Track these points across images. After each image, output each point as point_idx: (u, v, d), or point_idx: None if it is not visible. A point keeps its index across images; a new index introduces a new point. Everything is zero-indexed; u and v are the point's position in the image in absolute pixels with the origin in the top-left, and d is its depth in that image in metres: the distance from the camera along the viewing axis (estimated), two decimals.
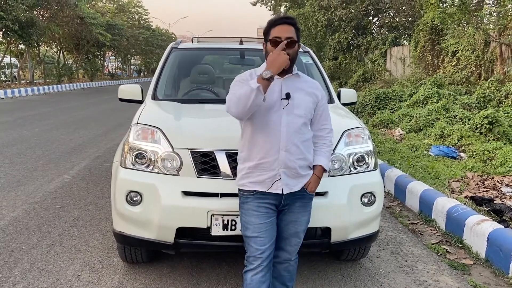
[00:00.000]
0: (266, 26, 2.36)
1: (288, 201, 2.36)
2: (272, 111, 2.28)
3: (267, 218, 2.34)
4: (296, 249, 2.48)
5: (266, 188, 2.30)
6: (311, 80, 2.51)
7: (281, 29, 2.28)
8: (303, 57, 4.49)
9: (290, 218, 2.41)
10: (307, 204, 2.45)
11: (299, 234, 2.45)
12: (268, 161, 2.28)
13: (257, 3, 35.37)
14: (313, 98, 2.39)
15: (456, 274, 3.45)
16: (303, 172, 2.36)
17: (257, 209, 2.33)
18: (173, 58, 4.29)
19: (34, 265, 3.39)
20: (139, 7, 51.95)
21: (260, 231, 2.31)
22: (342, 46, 25.35)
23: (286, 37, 2.25)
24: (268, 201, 2.33)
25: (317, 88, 2.46)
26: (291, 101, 2.30)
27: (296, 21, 2.36)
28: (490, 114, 7.65)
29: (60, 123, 11.58)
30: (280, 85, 2.32)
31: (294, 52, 2.30)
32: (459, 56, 13.61)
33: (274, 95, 2.29)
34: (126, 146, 2.94)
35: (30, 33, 23.56)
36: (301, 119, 2.31)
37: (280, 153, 2.27)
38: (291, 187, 2.33)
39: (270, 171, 2.29)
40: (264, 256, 2.31)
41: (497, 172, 5.83)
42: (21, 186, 5.52)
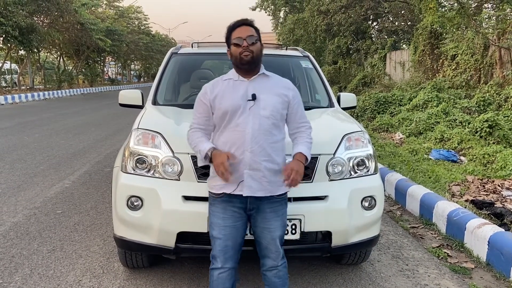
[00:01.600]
0: (226, 32, 2.39)
1: (254, 205, 2.35)
2: (238, 113, 2.30)
3: (233, 222, 2.35)
4: (278, 255, 2.41)
5: (232, 189, 2.31)
6: (281, 79, 2.50)
7: (240, 30, 2.33)
8: (303, 61, 4.50)
9: (262, 225, 2.38)
10: (278, 209, 2.40)
11: (275, 241, 2.39)
12: (234, 163, 2.29)
13: (257, 8, 35.50)
14: (282, 98, 2.38)
15: (457, 278, 3.44)
16: (271, 178, 2.33)
17: (223, 211, 2.35)
18: (173, 63, 4.31)
19: (34, 270, 3.39)
20: (139, 12, 52.15)
21: (225, 233, 2.35)
22: (341, 51, 25.42)
23: (247, 36, 2.30)
24: (235, 204, 2.34)
25: (288, 87, 2.45)
26: (257, 102, 2.31)
27: (254, 22, 2.40)
28: (490, 118, 7.66)
29: (60, 128, 11.59)
30: (246, 86, 2.34)
31: (257, 50, 2.33)
32: (459, 60, 13.64)
33: (240, 98, 2.31)
34: (127, 151, 2.94)
35: (30, 39, 23.63)
36: (269, 120, 2.30)
37: (245, 154, 2.27)
38: (254, 190, 2.30)
39: (236, 172, 2.29)
40: (228, 257, 2.36)
41: (497, 175, 5.83)
42: (22, 191, 5.53)
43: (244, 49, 2.29)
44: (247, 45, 2.29)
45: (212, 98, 2.37)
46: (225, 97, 2.33)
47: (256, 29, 2.37)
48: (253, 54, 2.30)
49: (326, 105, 4.07)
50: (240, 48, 2.30)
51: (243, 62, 2.31)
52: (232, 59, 2.37)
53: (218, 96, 2.35)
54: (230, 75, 2.42)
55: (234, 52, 2.33)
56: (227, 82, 2.40)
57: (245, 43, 2.29)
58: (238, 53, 2.30)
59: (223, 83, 2.41)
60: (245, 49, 2.29)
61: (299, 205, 2.81)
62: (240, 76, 2.38)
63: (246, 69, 2.35)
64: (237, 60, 2.33)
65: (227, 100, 2.32)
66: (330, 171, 2.93)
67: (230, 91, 2.35)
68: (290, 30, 29.24)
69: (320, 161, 2.90)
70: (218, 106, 2.33)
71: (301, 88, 4.54)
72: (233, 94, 2.33)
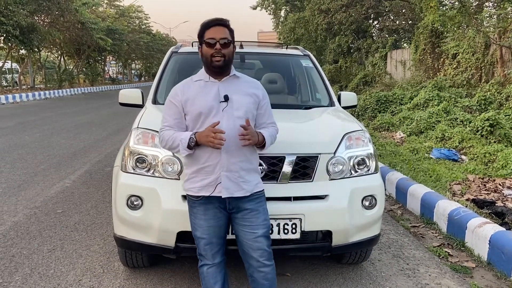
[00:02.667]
0: (200, 29, 2.35)
1: (233, 204, 2.34)
2: (211, 115, 2.28)
3: (216, 222, 2.36)
4: (262, 253, 2.35)
5: (210, 192, 2.30)
6: (251, 80, 2.50)
7: (215, 30, 2.30)
8: (303, 60, 4.49)
9: (243, 223, 2.36)
10: (258, 206, 2.38)
11: (258, 238, 2.34)
12: (211, 165, 2.29)
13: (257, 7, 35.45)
14: (254, 98, 2.39)
15: (458, 277, 3.44)
16: (248, 177, 2.33)
17: (204, 212, 2.36)
18: (173, 62, 4.30)
19: (35, 270, 3.39)
20: (140, 12, 52.12)
21: (209, 232, 2.37)
22: (342, 50, 25.39)
23: (221, 38, 2.27)
24: (215, 204, 2.34)
25: (257, 87, 2.45)
26: (230, 103, 2.30)
27: (229, 23, 2.37)
28: (491, 117, 7.64)
29: (61, 128, 11.59)
30: (217, 88, 2.33)
31: (229, 53, 2.32)
32: (460, 58, 13.61)
33: (212, 99, 2.30)
34: (127, 151, 2.94)
35: (31, 39, 23.63)
36: (242, 120, 2.28)
37: (222, 155, 2.26)
38: (232, 191, 2.30)
39: (213, 174, 2.29)
40: (215, 253, 2.41)
41: (498, 174, 5.82)
42: (22, 191, 5.53)
43: (216, 51, 2.26)
44: (220, 48, 2.26)
45: (183, 100, 2.34)
46: (197, 99, 2.32)
47: (230, 30, 2.35)
48: (225, 58, 2.28)
49: (326, 104, 4.06)
50: (212, 49, 2.27)
51: (214, 65, 2.30)
52: (203, 59, 2.34)
53: (190, 99, 2.33)
54: (200, 76, 2.40)
55: (205, 52, 2.31)
56: (198, 83, 2.38)
57: (218, 45, 2.26)
58: (210, 54, 2.28)
59: (194, 84, 2.39)
60: (217, 52, 2.26)
61: (300, 205, 2.81)
62: (210, 77, 2.36)
63: (216, 72, 2.34)
64: (208, 61, 2.31)
65: (200, 102, 2.30)
66: (331, 170, 2.93)
67: (201, 93, 2.33)
68: (290, 29, 29.20)
69: (321, 160, 2.89)
70: (191, 108, 2.32)
71: (301, 87, 4.54)
72: (205, 95, 2.32)
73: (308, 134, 3.13)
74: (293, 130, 3.12)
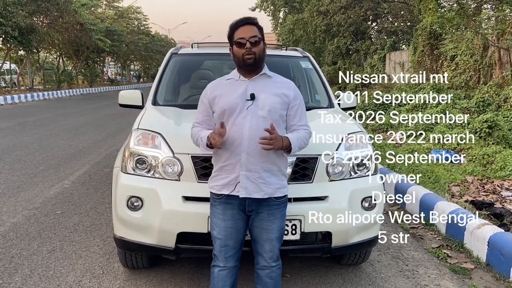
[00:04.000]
0: (229, 31, 2.35)
1: (252, 207, 2.33)
2: (235, 112, 2.28)
3: (234, 223, 2.35)
4: (272, 255, 2.41)
5: (230, 190, 2.31)
6: (283, 80, 2.47)
7: (244, 30, 2.30)
8: (303, 62, 4.50)
9: (261, 226, 2.37)
10: (276, 212, 2.38)
11: (272, 241, 2.39)
12: (231, 163, 2.29)
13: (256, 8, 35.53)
14: (282, 99, 2.35)
15: (457, 278, 3.45)
16: (270, 179, 2.31)
17: (223, 212, 2.35)
18: (173, 63, 4.30)
19: (34, 271, 3.39)
20: (139, 13, 52.07)
21: (226, 234, 2.35)
22: (341, 51, 25.44)
23: (250, 36, 2.27)
24: (234, 205, 2.33)
25: (289, 87, 2.42)
26: (255, 102, 2.29)
27: (257, 21, 2.37)
28: (489, 118, 7.66)
29: (60, 128, 11.58)
30: (246, 86, 2.33)
31: (260, 50, 2.31)
32: (458, 60, 13.65)
33: (238, 97, 2.30)
34: (127, 152, 2.95)
35: (29, 39, 23.57)
36: (266, 120, 2.26)
37: (242, 155, 2.26)
38: (250, 192, 2.28)
39: (233, 173, 2.29)
40: (228, 256, 2.38)
41: (497, 176, 5.84)
42: (21, 192, 5.52)
43: (247, 51, 2.26)
44: (250, 47, 2.26)
45: (211, 98, 2.38)
46: (224, 96, 2.33)
47: (259, 28, 2.34)
48: (255, 56, 2.28)
49: (326, 105, 4.07)
50: (243, 49, 2.27)
51: (245, 63, 2.30)
52: (235, 59, 2.35)
53: (218, 96, 2.35)
54: (232, 75, 2.42)
55: (236, 53, 2.32)
56: (228, 82, 2.40)
57: (248, 44, 2.26)
58: (241, 54, 2.28)
59: (225, 83, 2.41)
60: (248, 51, 2.26)
61: (299, 206, 2.81)
62: (241, 75, 2.37)
63: (248, 70, 2.34)
64: (240, 61, 2.31)
65: (226, 99, 2.32)
66: (330, 171, 2.94)
67: (229, 91, 2.34)
68: (289, 31, 29.28)
69: (320, 161, 2.90)
70: (217, 105, 2.34)
71: (301, 89, 4.52)
72: (232, 93, 2.32)
73: None
74: None
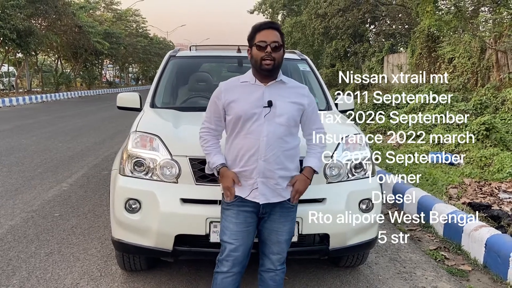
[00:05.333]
0: (251, 32, 2.33)
1: (266, 209, 2.35)
2: (253, 119, 2.27)
3: (245, 227, 2.34)
4: (279, 258, 2.43)
5: (246, 194, 2.31)
6: (298, 85, 2.47)
7: (266, 33, 2.28)
8: (301, 64, 4.52)
9: (271, 227, 2.39)
10: (289, 214, 2.41)
11: (281, 243, 2.41)
12: (248, 170, 2.29)
13: (255, 11, 35.59)
14: (298, 106, 2.36)
15: (454, 280, 3.45)
16: (284, 184, 2.34)
17: (236, 216, 2.34)
18: (171, 66, 4.31)
19: (32, 273, 3.38)
20: (137, 15, 52.12)
21: (237, 238, 2.33)
22: (339, 54, 25.50)
23: (272, 41, 2.25)
24: (247, 208, 2.33)
25: (304, 94, 2.41)
26: (273, 109, 2.28)
27: (280, 27, 2.37)
28: (487, 121, 7.68)
29: (58, 131, 11.57)
30: (262, 92, 2.31)
31: (279, 57, 2.29)
32: (456, 63, 13.70)
33: (255, 103, 2.28)
34: (125, 154, 2.95)
35: (28, 42, 23.57)
36: (283, 128, 2.28)
37: (259, 162, 2.26)
38: (268, 197, 2.30)
39: (250, 179, 2.29)
40: (237, 262, 2.35)
41: (494, 178, 5.85)
42: (19, 194, 5.52)
43: (267, 55, 2.24)
44: (270, 51, 2.24)
45: (226, 102, 2.33)
46: (240, 101, 2.30)
47: (281, 34, 2.32)
48: (275, 62, 2.26)
49: (323, 108, 4.08)
50: (263, 52, 2.25)
51: (263, 68, 2.27)
52: (252, 61, 2.32)
53: (233, 101, 2.31)
54: (247, 77, 2.38)
55: (255, 55, 2.29)
56: (243, 85, 2.36)
57: (269, 48, 2.24)
58: (260, 57, 2.26)
59: (240, 85, 2.37)
60: (268, 56, 2.24)
61: (297, 208, 2.81)
62: (257, 80, 2.34)
63: (265, 75, 2.32)
64: (257, 64, 2.28)
65: (242, 105, 2.28)
66: (328, 173, 2.94)
67: (245, 96, 2.31)
68: (288, 33, 29.31)
69: None
70: (232, 110, 2.30)
71: None
72: (248, 99, 2.29)
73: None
74: None
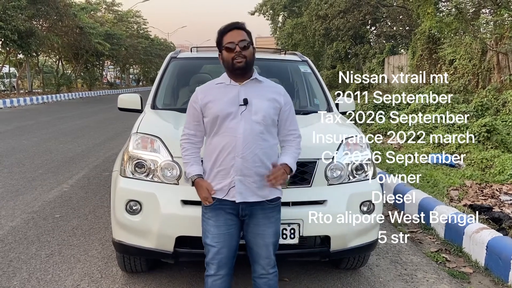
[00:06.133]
0: (217, 36, 2.35)
1: (246, 211, 2.33)
2: (229, 118, 2.28)
3: (227, 229, 2.33)
4: (268, 262, 2.39)
5: (223, 195, 2.30)
6: (274, 85, 2.49)
7: (232, 34, 2.30)
8: (301, 66, 4.52)
9: (256, 231, 2.36)
10: (271, 215, 2.38)
11: (268, 247, 2.37)
12: (225, 169, 2.28)
13: (255, 12, 35.61)
14: (274, 104, 2.36)
15: (455, 283, 3.44)
16: (262, 183, 2.32)
17: (216, 219, 2.33)
18: (172, 67, 4.31)
19: (33, 275, 3.38)
20: (138, 16, 52.17)
21: (219, 241, 2.32)
22: (340, 55, 25.50)
23: (239, 40, 2.27)
24: (227, 210, 2.32)
25: (280, 93, 2.43)
26: (249, 107, 2.29)
27: (245, 25, 2.37)
28: (488, 123, 7.67)
29: (59, 132, 11.57)
30: (237, 91, 2.33)
31: (250, 54, 2.31)
32: (457, 64, 13.68)
33: (231, 102, 2.30)
34: (126, 155, 2.95)
35: (29, 43, 23.57)
36: (260, 126, 2.29)
37: (236, 160, 2.26)
38: (245, 196, 2.29)
39: (227, 178, 2.29)
40: (222, 264, 2.34)
41: (495, 180, 5.84)
42: (20, 195, 5.52)
43: (237, 54, 2.27)
44: (240, 50, 2.27)
45: (203, 104, 2.35)
46: (216, 102, 2.32)
47: (248, 32, 2.35)
48: (246, 59, 2.28)
49: (324, 109, 4.08)
50: (233, 53, 2.27)
51: (235, 67, 2.29)
52: (224, 64, 2.35)
53: (210, 102, 2.34)
54: (222, 79, 2.40)
55: (226, 57, 2.31)
56: (218, 86, 2.38)
57: (238, 48, 2.27)
58: (231, 58, 2.28)
59: (215, 87, 2.39)
60: (238, 55, 2.27)
61: (298, 210, 2.82)
62: (232, 80, 2.36)
63: (239, 74, 2.34)
64: (230, 65, 2.31)
65: (218, 105, 2.30)
66: (329, 175, 2.94)
67: (221, 96, 2.33)
68: (288, 35, 29.36)
69: (319, 165, 2.91)
70: (209, 111, 2.33)
71: (299, 93, 4.56)
72: (224, 98, 2.31)
73: (306, 139, 3.13)
74: None
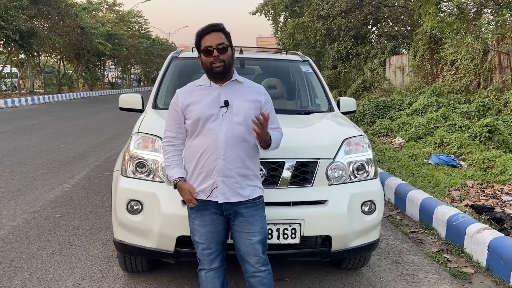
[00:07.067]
0: (195, 38, 2.34)
1: (231, 211, 2.34)
2: (210, 119, 2.28)
3: (213, 227, 2.36)
4: (257, 259, 2.37)
5: (206, 196, 2.32)
6: (254, 85, 2.49)
7: (210, 38, 2.29)
8: (303, 66, 4.52)
9: (242, 230, 2.36)
10: (255, 214, 2.37)
11: (255, 245, 2.35)
12: (208, 170, 2.29)
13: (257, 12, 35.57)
14: (255, 104, 2.37)
15: (457, 283, 3.44)
16: (245, 183, 2.32)
17: (202, 219, 2.36)
18: (173, 67, 4.32)
19: (34, 274, 3.38)
20: (139, 17, 52.18)
21: (206, 238, 2.37)
22: (341, 55, 25.47)
23: (217, 44, 2.26)
24: (212, 210, 2.34)
25: (260, 92, 2.43)
26: (230, 109, 2.30)
27: (224, 26, 2.35)
28: (489, 123, 7.66)
29: (60, 132, 11.59)
30: (218, 93, 2.33)
31: (228, 57, 2.30)
32: (458, 65, 13.66)
33: (212, 104, 2.30)
34: (127, 155, 2.95)
35: (30, 43, 23.62)
36: (242, 126, 2.29)
37: (218, 161, 2.27)
38: (228, 196, 2.30)
39: (210, 179, 2.29)
40: (213, 258, 2.41)
41: (497, 180, 5.83)
42: (21, 195, 5.52)
43: (215, 58, 2.26)
44: (218, 55, 2.25)
45: (184, 106, 2.36)
46: (198, 104, 2.32)
47: (226, 34, 2.33)
48: (225, 63, 2.27)
49: (326, 109, 4.08)
50: (211, 57, 2.26)
51: (215, 72, 2.29)
52: (203, 67, 2.34)
53: (191, 104, 2.34)
54: (202, 81, 2.41)
55: (204, 61, 2.31)
56: (199, 88, 2.38)
57: (216, 52, 2.25)
58: (209, 62, 2.27)
59: (196, 89, 2.39)
60: (216, 59, 2.26)
61: (299, 210, 2.81)
62: (212, 82, 2.36)
63: (218, 77, 2.33)
64: (208, 69, 2.31)
65: (200, 107, 2.31)
66: (330, 175, 2.94)
67: (202, 98, 2.33)
68: (290, 35, 29.32)
69: (320, 165, 2.90)
70: (190, 113, 2.33)
71: (301, 93, 4.56)
72: (205, 100, 2.31)
73: (307, 139, 3.15)
74: (293, 136, 3.12)
